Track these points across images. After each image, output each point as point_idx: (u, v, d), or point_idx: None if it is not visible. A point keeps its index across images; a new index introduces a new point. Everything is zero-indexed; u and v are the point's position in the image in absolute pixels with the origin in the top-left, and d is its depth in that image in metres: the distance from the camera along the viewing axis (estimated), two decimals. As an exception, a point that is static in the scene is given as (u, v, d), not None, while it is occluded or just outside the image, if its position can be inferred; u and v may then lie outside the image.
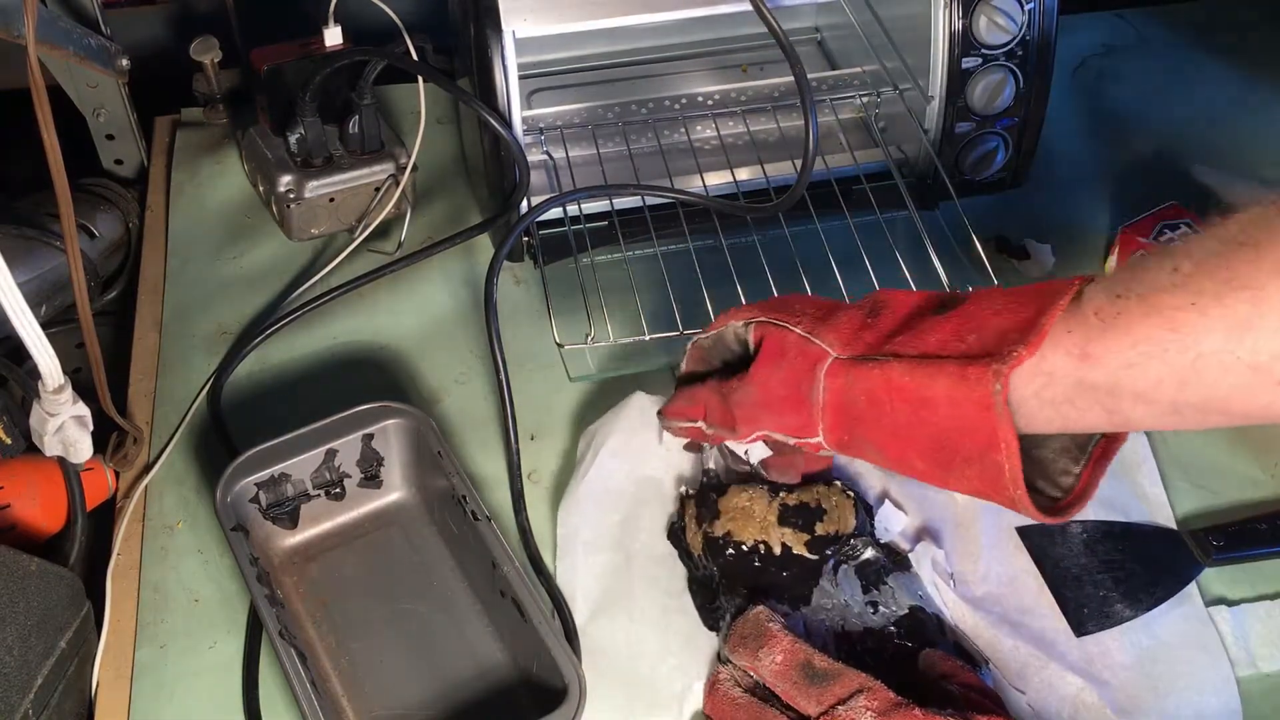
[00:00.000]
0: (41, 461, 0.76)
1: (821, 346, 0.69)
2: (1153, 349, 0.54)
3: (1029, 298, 0.61)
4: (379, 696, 0.75)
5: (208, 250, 1.01)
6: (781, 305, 0.73)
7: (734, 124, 1.04)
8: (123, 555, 0.81)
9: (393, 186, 0.99)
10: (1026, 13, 0.93)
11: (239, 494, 0.79)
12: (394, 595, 0.79)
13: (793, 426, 0.70)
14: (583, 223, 0.95)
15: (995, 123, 0.97)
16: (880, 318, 0.68)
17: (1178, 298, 0.54)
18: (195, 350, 0.94)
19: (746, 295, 0.89)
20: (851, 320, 0.69)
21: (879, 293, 0.71)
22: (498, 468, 0.86)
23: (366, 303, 0.97)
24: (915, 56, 0.97)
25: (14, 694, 0.65)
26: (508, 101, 0.90)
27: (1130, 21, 1.25)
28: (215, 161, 1.07)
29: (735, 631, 0.72)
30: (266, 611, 0.73)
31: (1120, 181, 1.08)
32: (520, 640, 0.75)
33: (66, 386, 0.68)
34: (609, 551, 0.79)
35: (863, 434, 0.67)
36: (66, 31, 0.92)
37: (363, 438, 0.82)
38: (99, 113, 1.04)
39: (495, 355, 0.88)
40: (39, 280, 0.91)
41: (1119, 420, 0.58)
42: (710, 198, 0.96)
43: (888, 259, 0.91)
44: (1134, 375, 0.55)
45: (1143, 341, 0.55)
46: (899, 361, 0.64)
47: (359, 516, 0.84)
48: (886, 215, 0.96)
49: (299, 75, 0.95)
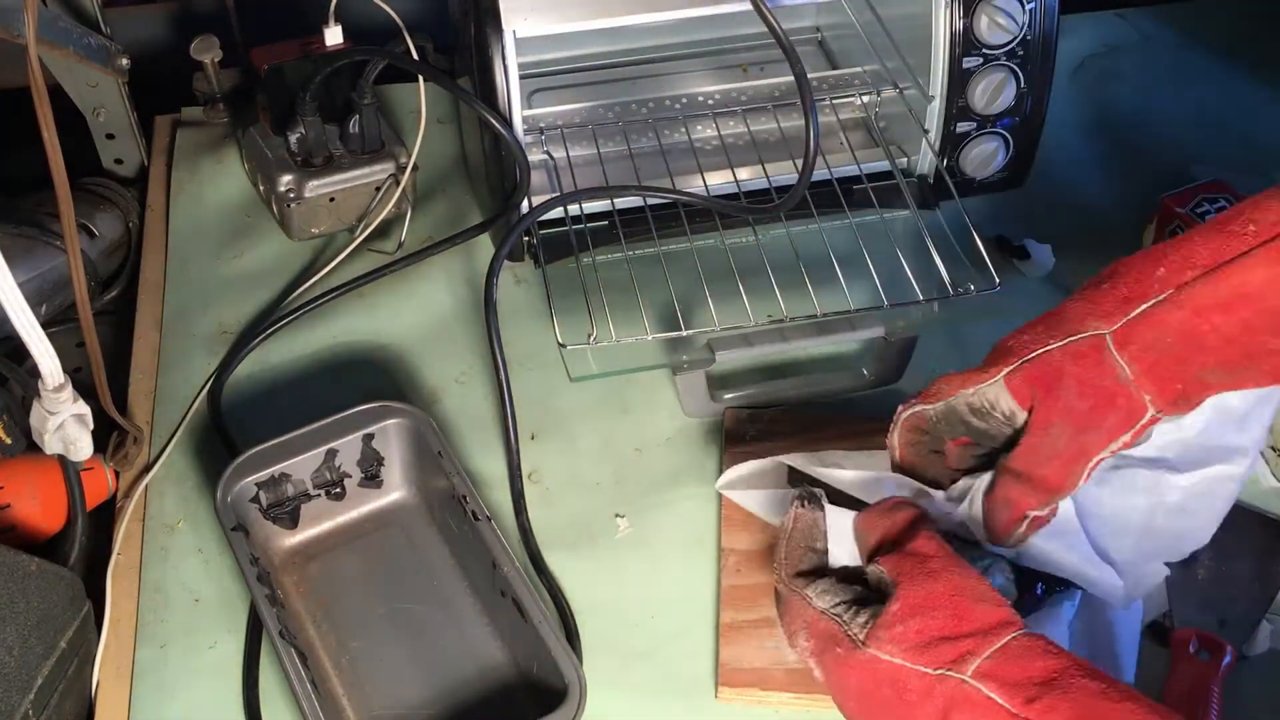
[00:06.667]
0: (42, 461, 0.76)
1: (1090, 335, 0.65)
2: None
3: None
4: (379, 696, 0.75)
5: (208, 249, 1.01)
6: (1011, 344, 0.69)
7: (734, 124, 1.04)
8: (123, 555, 0.81)
9: (393, 186, 0.99)
10: (1027, 12, 0.93)
11: (239, 494, 0.79)
12: (394, 595, 0.79)
13: (1120, 424, 0.66)
14: (584, 222, 0.95)
15: (996, 122, 0.97)
16: (1110, 284, 0.66)
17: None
18: (195, 350, 0.93)
19: (747, 295, 0.89)
20: (1088, 301, 0.66)
21: (1111, 268, 0.68)
22: (498, 468, 0.86)
23: (366, 303, 0.97)
24: (916, 56, 0.96)
25: (14, 694, 0.65)
26: (508, 101, 0.90)
27: (1130, 21, 1.25)
28: (215, 161, 1.07)
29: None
30: (266, 611, 0.73)
31: (1120, 181, 1.08)
32: (520, 640, 0.75)
33: (67, 385, 0.68)
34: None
35: (1200, 364, 0.64)
36: (67, 31, 0.92)
37: (363, 438, 0.82)
38: (99, 112, 1.04)
39: (495, 355, 0.88)
40: (39, 279, 0.91)
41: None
42: (711, 198, 0.96)
43: (889, 258, 0.91)
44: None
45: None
46: (1193, 285, 0.63)
47: (359, 516, 0.84)
48: (887, 215, 0.96)
49: (299, 75, 0.95)
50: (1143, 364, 0.65)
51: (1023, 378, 0.67)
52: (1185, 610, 0.79)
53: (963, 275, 0.91)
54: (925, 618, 0.62)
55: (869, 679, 0.63)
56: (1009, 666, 0.60)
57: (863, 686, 0.63)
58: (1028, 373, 0.67)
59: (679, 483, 0.86)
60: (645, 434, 0.89)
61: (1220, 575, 0.80)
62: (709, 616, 0.79)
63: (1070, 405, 0.66)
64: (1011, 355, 0.68)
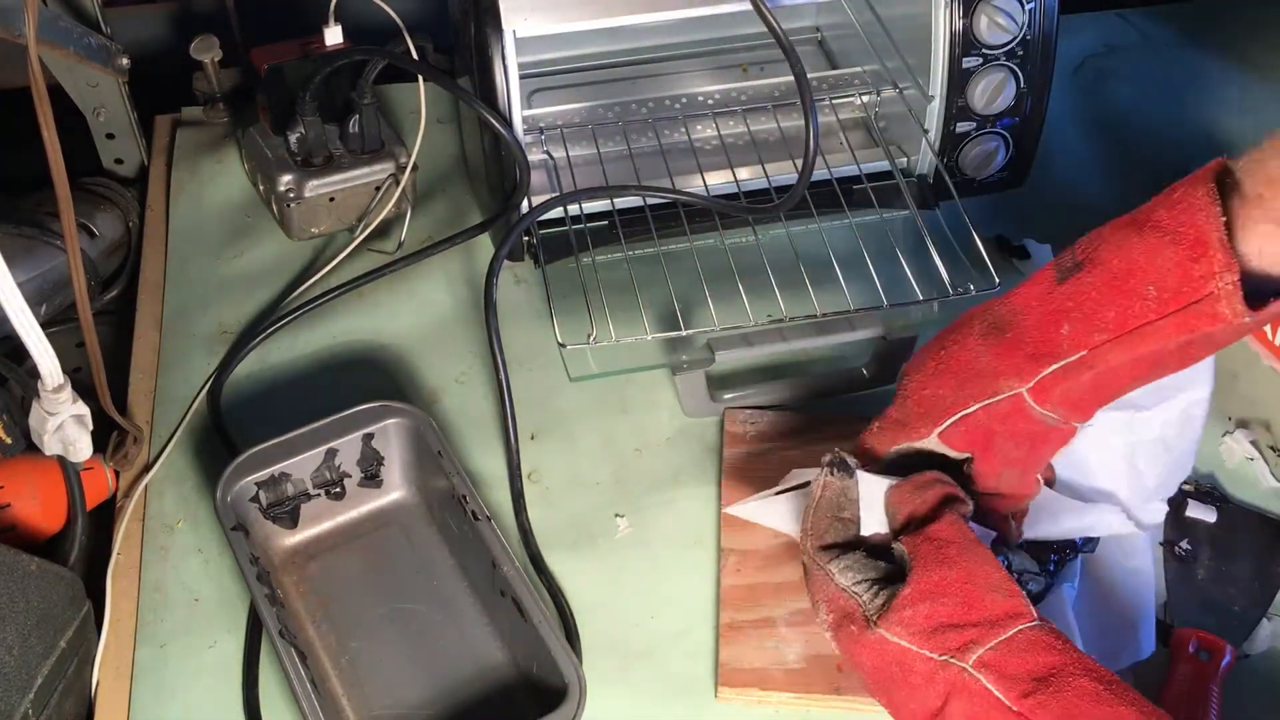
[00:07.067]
0: (41, 461, 0.76)
1: (1010, 396, 0.67)
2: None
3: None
4: (379, 696, 0.75)
5: (208, 249, 1.01)
6: (911, 420, 0.71)
7: (734, 124, 1.04)
8: (123, 555, 0.81)
9: (393, 186, 0.99)
10: (1027, 12, 0.93)
11: (239, 493, 0.79)
12: (394, 595, 0.79)
13: (1056, 447, 0.70)
14: (583, 222, 0.95)
15: (995, 122, 0.97)
16: (1024, 340, 0.67)
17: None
18: (195, 349, 0.93)
19: (747, 295, 0.89)
20: (1002, 350, 0.68)
21: (991, 306, 0.70)
22: (498, 468, 0.86)
23: (366, 302, 0.97)
24: (916, 56, 0.96)
25: (14, 693, 0.65)
26: (508, 101, 0.90)
27: (1130, 21, 1.25)
28: (215, 160, 1.07)
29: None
30: (266, 611, 0.73)
31: (1120, 181, 1.08)
32: (520, 640, 0.75)
33: (66, 386, 0.68)
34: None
35: (1119, 391, 0.67)
36: (67, 31, 0.92)
37: (363, 437, 0.82)
38: (99, 112, 1.04)
39: (495, 355, 0.88)
40: (39, 279, 0.91)
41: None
42: (711, 198, 0.96)
43: (889, 258, 0.91)
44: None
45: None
46: (1102, 349, 0.64)
47: (359, 516, 0.84)
48: (887, 215, 0.96)
49: (299, 74, 0.95)
50: (1064, 404, 0.67)
51: (956, 436, 0.70)
52: (1185, 610, 0.79)
53: (962, 275, 0.91)
54: (935, 603, 0.64)
55: (878, 658, 0.65)
56: (1010, 659, 0.61)
57: (873, 664, 0.66)
58: (959, 432, 0.70)
59: (679, 483, 0.86)
60: (645, 434, 0.89)
61: (1220, 575, 0.81)
62: (709, 616, 0.79)
63: (1008, 454, 0.70)
64: (935, 411, 0.70)
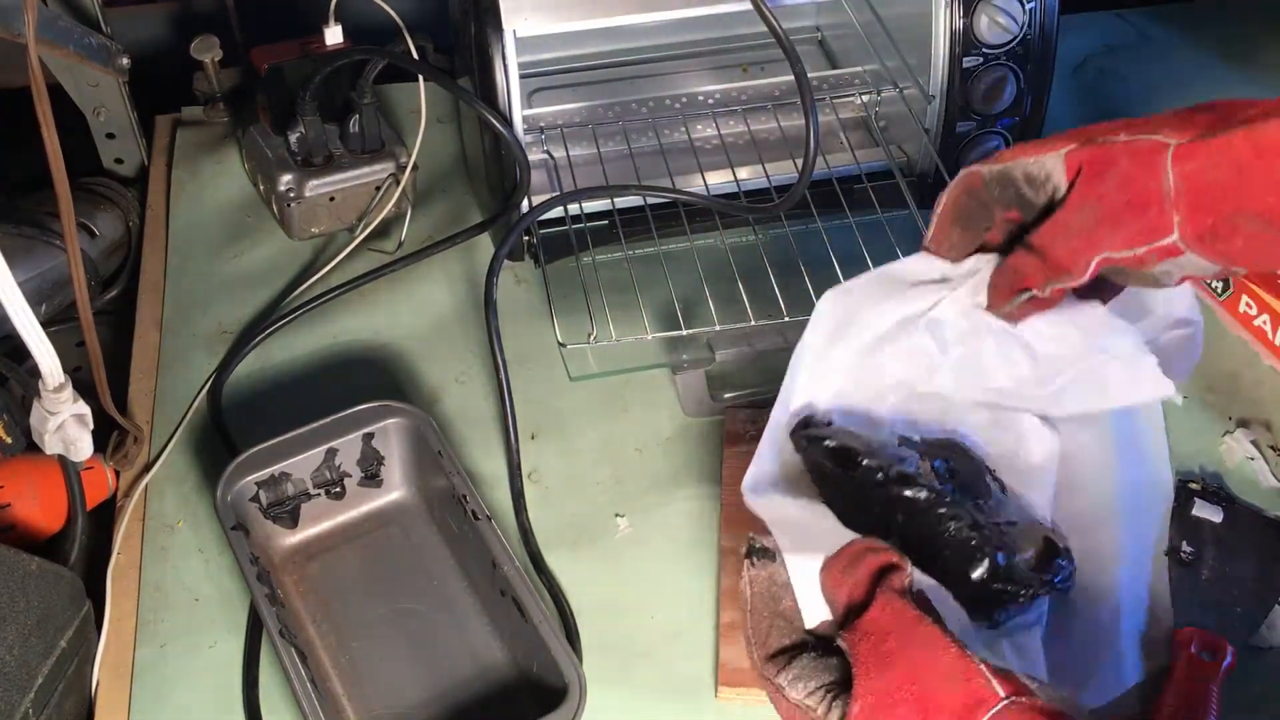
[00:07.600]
0: (41, 460, 0.76)
1: (1158, 139, 0.64)
2: None
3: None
4: (379, 696, 0.75)
5: (208, 249, 1.01)
6: (1087, 130, 0.68)
7: (734, 123, 1.04)
8: (123, 554, 0.81)
9: (393, 185, 0.99)
10: (1027, 12, 0.93)
11: (239, 493, 0.79)
12: (394, 595, 0.79)
13: (1141, 233, 0.64)
14: (584, 222, 0.95)
15: (996, 122, 0.97)
16: (1201, 112, 0.64)
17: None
18: (195, 349, 0.94)
19: (747, 295, 0.89)
20: (1173, 116, 0.65)
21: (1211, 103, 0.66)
22: (498, 467, 0.86)
23: (366, 302, 0.97)
24: (916, 56, 0.96)
25: (14, 693, 0.65)
26: (508, 101, 0.90)
27: (1131, 21, 1.25)
28: (216, 160, 1.07)
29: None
30: (266, 611, 0.73)
31: (1121, 181, 1.08)
32: (520, 640, 0.75)
33: (67, 385, 0.68)
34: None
35: (1238, 207, 0.62)
36: (67, 30, 0.92)
37: (363, 437, 0.82)
38: (99, 112, 1.04)
39: (495, 355, 0.88)
40: (39, 279, 0.91)
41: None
42: (711, 197, 0.96)
43: (889, 258, 0.91)
44: None
45: None
46: (1262, 122, 0.61)
47: (359, 516, 0.84)
48: (888, 214, 0.96)
49: (299, 74, 0.95)
50: (1189, 184, 0.63)
51: (1080, 157, 0.66)
52: (1186, 610, 0.79)
53: (963, 275, 0.91)
54: (888, 715, 0.58)
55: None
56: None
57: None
58: (1086, 154, 0.66)
59: (679, 483, 0.86)
60: (645, 434, 0.89)
61: (1221, 575, 0.80)
62: (709, 616, 0.79)
63: (1107, 192, 0.65)
64: (1081, 136, 0.67)
